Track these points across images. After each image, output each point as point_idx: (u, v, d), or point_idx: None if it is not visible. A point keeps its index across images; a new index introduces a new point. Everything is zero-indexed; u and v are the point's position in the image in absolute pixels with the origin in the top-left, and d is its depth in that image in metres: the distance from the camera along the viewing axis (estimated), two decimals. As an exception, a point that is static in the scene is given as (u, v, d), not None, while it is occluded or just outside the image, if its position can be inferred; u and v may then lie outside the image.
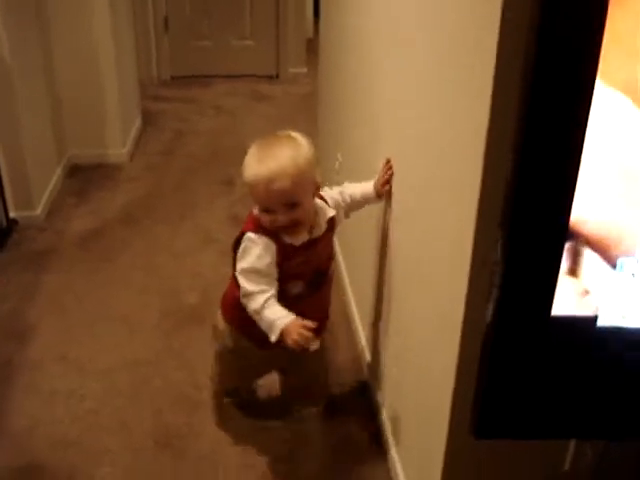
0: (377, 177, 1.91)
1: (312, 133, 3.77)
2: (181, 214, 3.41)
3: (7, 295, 2.77)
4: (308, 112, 4.13)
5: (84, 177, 3.78)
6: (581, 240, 1.09)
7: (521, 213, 1.06)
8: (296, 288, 1.76)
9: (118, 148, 3.97)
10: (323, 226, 1.76)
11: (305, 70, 5.64)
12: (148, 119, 4.61)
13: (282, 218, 1.65)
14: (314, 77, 4.10)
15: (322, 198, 1.81)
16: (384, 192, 1.90)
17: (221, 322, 1.94)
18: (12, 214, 3.25)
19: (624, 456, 1.53)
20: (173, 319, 2.62)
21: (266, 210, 1.66)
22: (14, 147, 3.17)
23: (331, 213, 1.79)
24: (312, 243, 1.74)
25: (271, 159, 1.63)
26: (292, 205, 1.64)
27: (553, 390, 1.20)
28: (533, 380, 1.18)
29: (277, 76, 5.68)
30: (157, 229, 3.26)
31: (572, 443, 1.46)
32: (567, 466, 1.53)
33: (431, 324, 1.56)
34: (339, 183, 1.95)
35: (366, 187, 1.93)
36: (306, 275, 1.76)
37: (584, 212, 1.06)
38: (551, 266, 1.10)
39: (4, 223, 3.18)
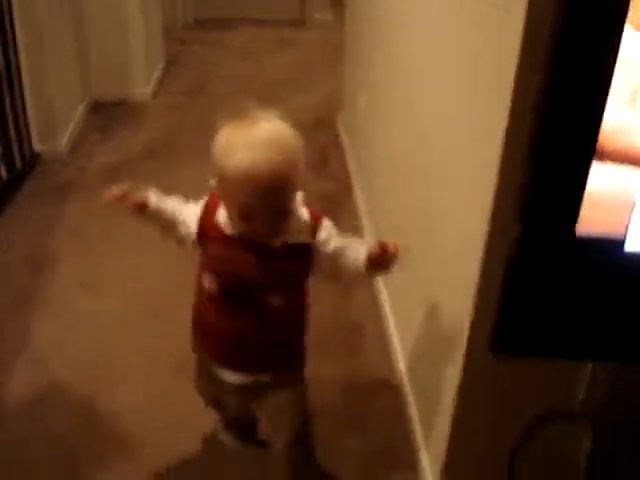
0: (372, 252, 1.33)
1: (335, 80, 3.79)
2: (203, 150, 3.39)
3: (30, 225, 2.80)
4: (332, 59, 4.10)
5: (107, 115, 3.78)
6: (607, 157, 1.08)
7: (549, 132, 1.05)
8: (208, 283, 1.41)
9: (142, 87, 3.98)
10: (287, 237, 1.32)
11: (331, 17, 5.57)
12: (172, 61, 4.60)
13: (263, 228, 1.27)
14: (340, 24, 4.05)
15: (316, 218, 1.37)
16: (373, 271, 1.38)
17: None
18: (36, 148, 3.28)
19: (636, 389, 1.53)
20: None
21: (246, 215, 1.26)
22: (40, 83, 3.19)
23: (304, 238, 1.35)
24: (250, 247, 1.32)
25: (262, 147, 1.23)
26: (280, 211, 1.27)
27: (574, 310, 1.20)
28: (555, 298, 1.18)
29: (303, 22, 5.63)
30: (180, 166, 3.26)
31: (587, 370, 1.47)
32: (581, 395, 1.54)
33: (457, 239, 1.56)
34: (364, 127, 1.91)
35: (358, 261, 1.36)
36: (221, 276, 1.39)
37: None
38: (577, 183, 1.09)
39: (28, 156, 3.20)
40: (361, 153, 2.99)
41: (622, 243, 1.13)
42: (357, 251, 1.35)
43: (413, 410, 1.90)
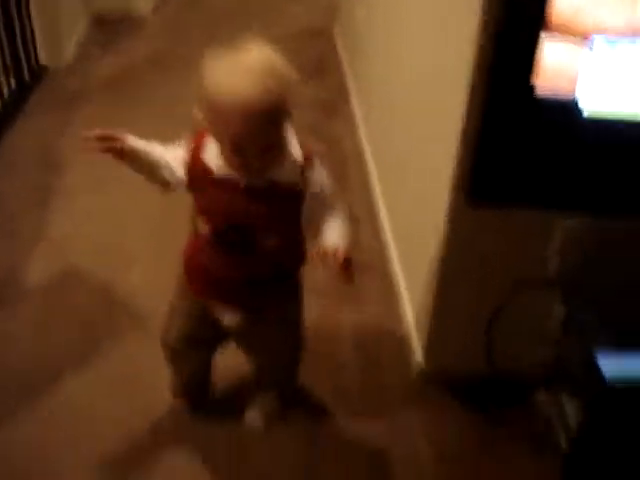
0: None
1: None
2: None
3: (41, 131, 2.94)
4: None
5: (109, 29, 3.87)
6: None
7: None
8: (201, 226, 1.40)
9: (142, 2, 4.04)
10: (276, 177, 1.32)
11: None
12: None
13: (255, 161, 1.27)
14: None
15: (308, 157, 1.36)
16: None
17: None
18: (42, 61, 3.38)
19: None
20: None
21: (237, 148, 1.25)
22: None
23: (293, 177, 1.33)
24: (235, 188, 1.32)
25: (252, 74, 1.20)
26: (271, 143, 1.27)
27: (540, 163, 1.36)
28: (522, 154, 1.34)
29: None
30: (181, 73, 3.36)
31: (558, 233, 1.62)
32: (553, 261, 1.70)
33: (436, 107, 1.70)
34: (363, 36, 2.02)
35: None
36: (214, 219, 1.38)
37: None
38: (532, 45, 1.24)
39: (35, 69, 3.31)
40: (357, 62, 3.09)
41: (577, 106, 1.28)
42: (331, 226, 1.36)
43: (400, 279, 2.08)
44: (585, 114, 1.30)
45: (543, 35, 1.22)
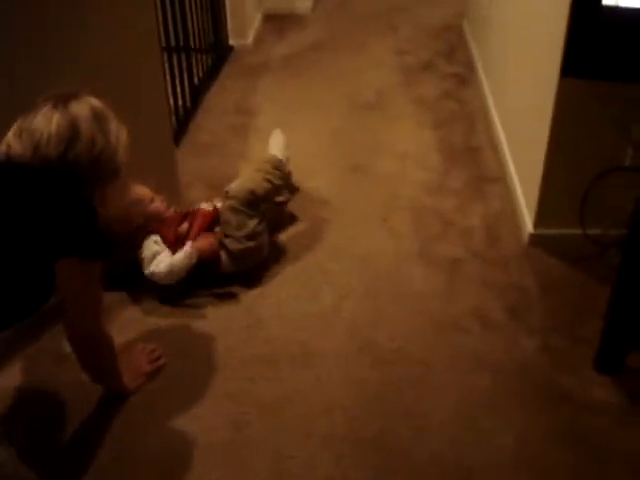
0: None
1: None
2: (357, 48, 4.35)
3: (234, 90, 3.85)
4: None
5: (278, 23, 4.77)
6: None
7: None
8: None
9: (303, 2, 4.93)
10: None
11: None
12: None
13: None
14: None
15: None
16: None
17: None
18: (230, 42, 4.32)
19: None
20: (357, 107, 3.62)
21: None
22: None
23: None
24: None
25: None
26: None
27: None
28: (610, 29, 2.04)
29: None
30: (339, 55, 4.22)
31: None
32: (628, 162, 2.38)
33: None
34: (486, 24, 2.75)
35: None
36: None
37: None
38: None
39: (226, 48, 4.24)
40: (482, 46, 3.84)
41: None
42: None
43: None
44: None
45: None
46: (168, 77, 3.22)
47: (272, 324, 2.25)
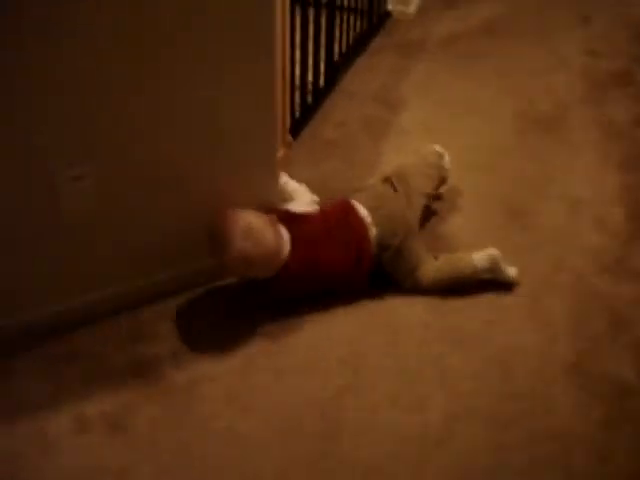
0: None
1: None
2: (537, 37, 3.53)
3: (380, 72, 3.18)
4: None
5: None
6: None
7: None
8: None
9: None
10: None
11: None
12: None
13: None
14: None
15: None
16: None
17: None
18: (389, 7, 3.62)
19: None
20: (528, 121, 2.87)
21: None
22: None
23: None
24: None
25: None
26: None
27: None
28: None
29: None
30: (514, 45, 3.43)
31: None
32: None
33: None
34: None
35: None
36: None
37: None
38: None
39: (383, 14, 3.55)
40: None
41: None
42: None
43: None
44: None
45: None
46: (298, 39, 2.58)
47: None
